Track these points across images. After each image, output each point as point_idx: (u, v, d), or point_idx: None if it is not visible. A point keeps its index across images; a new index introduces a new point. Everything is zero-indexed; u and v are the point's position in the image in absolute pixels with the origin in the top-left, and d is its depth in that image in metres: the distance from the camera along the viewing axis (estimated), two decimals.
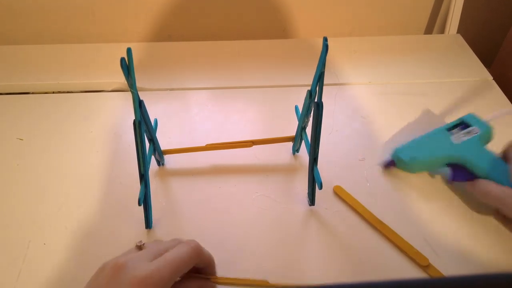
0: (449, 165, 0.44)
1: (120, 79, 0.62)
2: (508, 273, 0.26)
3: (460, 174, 0.43)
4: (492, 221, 0.44)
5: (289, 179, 0.49)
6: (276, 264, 0.41)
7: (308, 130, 0.44)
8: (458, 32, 0.74)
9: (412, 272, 0.40)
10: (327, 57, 0.36)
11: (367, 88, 0.62)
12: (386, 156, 0.49)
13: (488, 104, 0.59)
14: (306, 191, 0.46)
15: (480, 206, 0.45)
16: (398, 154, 0.47)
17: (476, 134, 0.44)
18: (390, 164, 0.48)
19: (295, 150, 0.51)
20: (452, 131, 0.47)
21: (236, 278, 0.37)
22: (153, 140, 0.46)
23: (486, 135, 0.45)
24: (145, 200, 0.41)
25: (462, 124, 0.47)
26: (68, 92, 0.62)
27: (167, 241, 0.36)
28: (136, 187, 0.41)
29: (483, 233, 0.43)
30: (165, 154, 0.50)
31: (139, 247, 0.34)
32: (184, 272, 0.32)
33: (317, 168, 0.42)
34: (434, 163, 0.45)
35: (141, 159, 0.40)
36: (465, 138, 0.44)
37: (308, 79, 0.40)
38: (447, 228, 0.44)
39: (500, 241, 0.42)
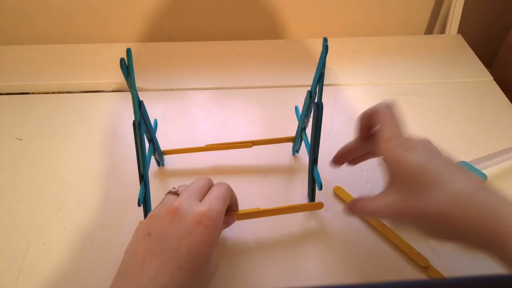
0: None
1: (119, 79, 0.62)
2: (507, 274, 0.26)
3: None
4: None
5: (289, 179, 0.49)
6: (275, 265, 0.41)
7: (308, 130, 0.44)
8: (458, 32, 0.74)
9: (412, 273, 0.40)
10: (327, 58, 0.36)
11: (367, 88, 0.62)
12: None
13: (489, 105, 0.59)
14: (306, 191, 0.46)
15: None
16: None
17: None
18: None
19: (295, 150, 0.51)
20: None
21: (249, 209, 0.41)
22: (152, 141, 0.46)
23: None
24: (144, 200, 0.41)
25: None
26: (68, 92, 0.62)
27: (193, 182, 0.38)
28: (136, 187, 0.41)
29: None
30: (165, 154, 0.50)
31: (175, 193, 0.36)
32: (227, 206, 0.37)
33: (317, 169, 0.42)
34: None
35: (140, 160, 0.40)
36: None
37: (308, 80, 0.40)
38: None
39: None
